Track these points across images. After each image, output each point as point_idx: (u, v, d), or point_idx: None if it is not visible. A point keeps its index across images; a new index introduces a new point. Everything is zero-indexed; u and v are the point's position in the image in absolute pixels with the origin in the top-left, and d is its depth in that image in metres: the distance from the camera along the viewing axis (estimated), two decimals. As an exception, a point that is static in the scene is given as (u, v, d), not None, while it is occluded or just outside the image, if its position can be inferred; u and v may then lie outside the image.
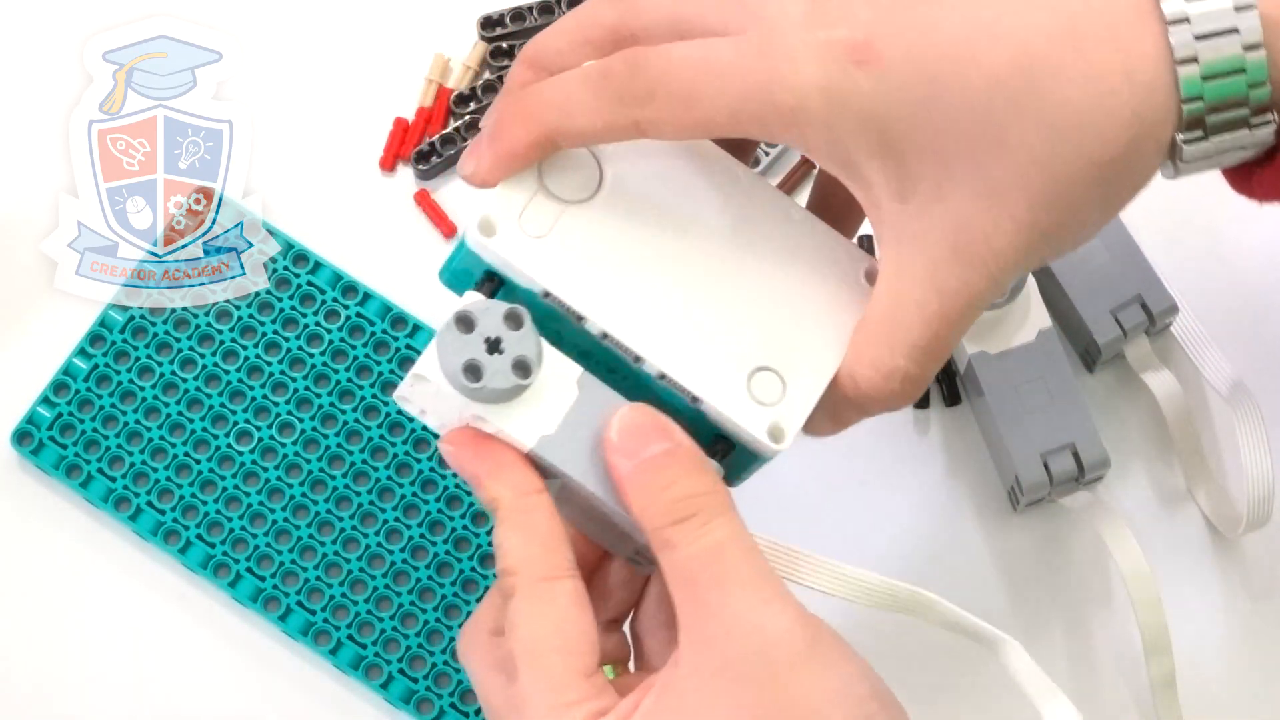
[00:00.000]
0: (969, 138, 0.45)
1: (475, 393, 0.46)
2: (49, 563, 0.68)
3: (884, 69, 0.45)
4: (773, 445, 0.48)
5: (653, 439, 0.47)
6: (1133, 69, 0.45)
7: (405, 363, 0.69)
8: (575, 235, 0.48)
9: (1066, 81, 0.45)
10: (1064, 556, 0.69)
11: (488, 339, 0.46)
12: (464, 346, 0.46)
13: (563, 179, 0.48)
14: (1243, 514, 0.67)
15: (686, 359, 0.48)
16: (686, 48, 0.47)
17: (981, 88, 0.45)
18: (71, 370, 0.69)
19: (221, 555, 0.67)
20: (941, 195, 0.46)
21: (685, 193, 0.49)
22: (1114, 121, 0.45)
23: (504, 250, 0.47)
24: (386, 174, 0.73)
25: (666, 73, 0.47)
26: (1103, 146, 0.45)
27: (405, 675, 0.66)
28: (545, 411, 0.47)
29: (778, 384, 0.48)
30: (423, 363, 0.47)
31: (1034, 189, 0.45)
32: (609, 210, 0.48)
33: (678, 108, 0.46)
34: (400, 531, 0.68)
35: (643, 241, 0.49)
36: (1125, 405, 0.70)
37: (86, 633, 0.67)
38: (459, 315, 0.46)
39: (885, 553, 0.68)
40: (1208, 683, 0.67)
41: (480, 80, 0.74)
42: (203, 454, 0.68)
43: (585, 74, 0.48)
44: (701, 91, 0.46)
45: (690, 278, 0.49)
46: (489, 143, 0.48)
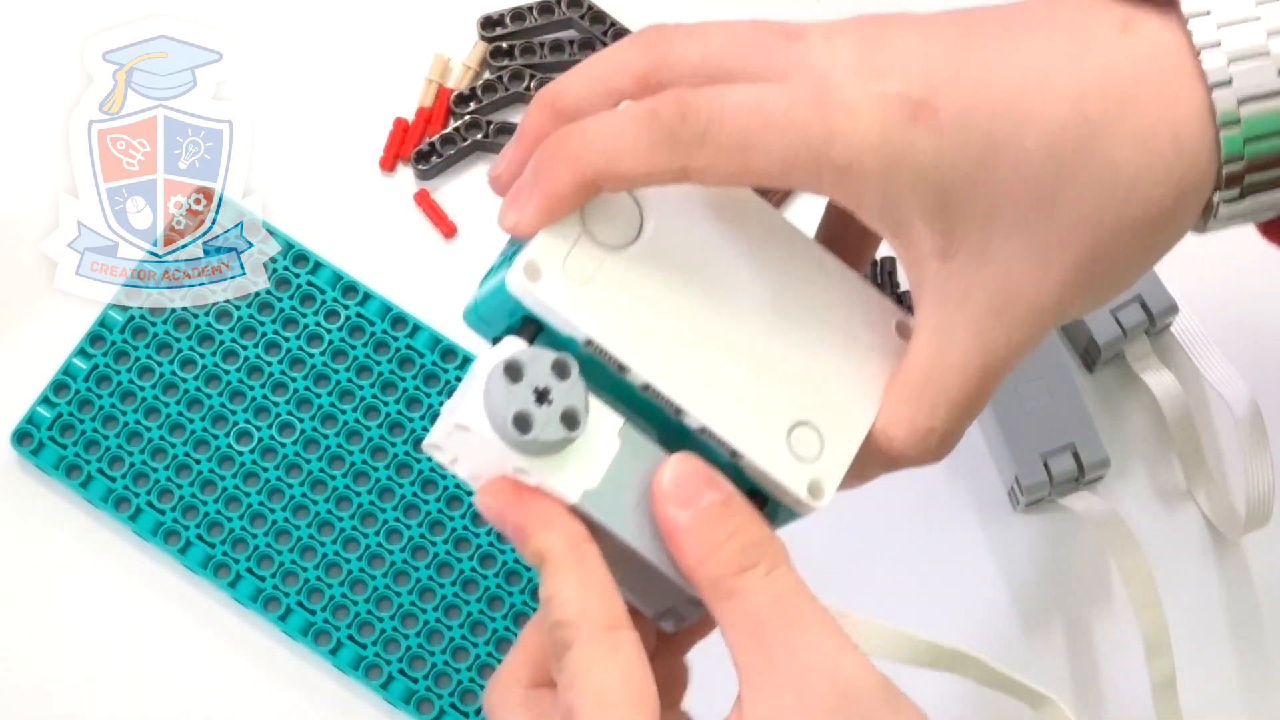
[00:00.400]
0: (1020, 198, 0.45)
1: (522, 445, 0.45)
2: (49, 563, 0.68)
3: (940, 127, 0.44)
4: (812, 502, 0.47)
5: (705, 489, 0.46)
6: (1179, 131, 0.45)
7: (405, 363, 0.69)
8: (618, 282, 0.46)
9: (1116, 144, 0.45)
10: (1064, 556, 0.69)
11: (536, 389, 0.44)
12: (512, 397, 0.44)
13: (605, 223, 0.47)
14: (1242, 514, 0.67)
15: (727, 413, 0.47)
16: (739, 93, 0.45)
17: (1036, 150, 0.44)
18: (71, 370, 0.69)
19: (221, 555, 0.67)
20: (986, 254, 0.46)
21: (723, 239, 0.48)
22: (1160, 184, 0.45)
23: (549, 297, 0.45)
24: (386, 174, 0.73)
25: (719, 118, 0.45)
26: (1147, 208, 0.45)
27: (405, 675, 0.66)
28: (587, 464, 0.46)
29: (816, 440, 0.48)
30: (465, 411, 0.45)
31: (1080, 249, 0.45)
32: (650, 257, 0.47)
33: (729, 155, 0.45)
34: (400, 531, 0.68)
35: (683, 289, 0.47)
36: (1125, 405, 0.70)
37: (86, 633, 0.67)
38: (508, 364, 0.44)
39: (885, 553, 0.68)
40: (1208, 683, 0.67)
41: (480, 80, 0.74)
42: (203, 454, 0.68)
43: (633, 115, 0.45)
44: (754, 140, 0.45)
45: (729, 328, 0.47)
46: (531, 189, 0.46)
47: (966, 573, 0.68)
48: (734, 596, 0.45)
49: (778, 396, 0.47)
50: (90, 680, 0.67)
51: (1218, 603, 0.68)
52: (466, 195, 0.73)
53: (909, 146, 0.44)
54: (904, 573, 0.68)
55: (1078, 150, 0.44)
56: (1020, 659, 0.68)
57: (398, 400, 0.69)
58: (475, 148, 0.73)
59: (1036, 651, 0.68)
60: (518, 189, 0.46)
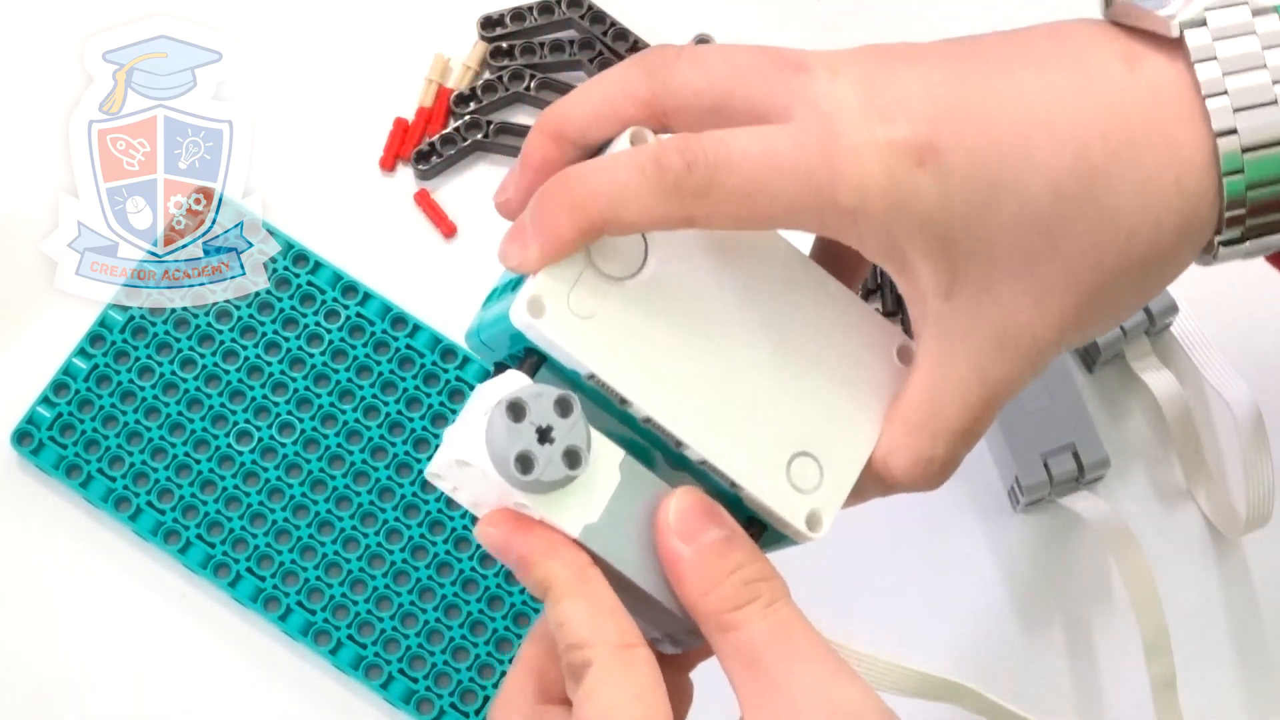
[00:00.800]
0: (1023, 241, 0.45)
1: (524, 484, 0.45)
2: (49, 563, 0.68)
3: (946, 171, 0.44)
4: (809, 534, 0.48)
5: (709, 525, 0.46)
6: (1182, 175, 0.45)
7: (405, 363, 0.69)
8: (621, 314, 0.46)
9: (1119, 188, 0.45)
10: (1064, 556, 0.69)
11: (539, 428, 0.44)
12: (515, 436, 0.44)
13: (609, 255, 0.46)
14: (1243, 514, 0.67)
15: (727, 445, 0.47)
16: (745, 139, 0.45)
17: (1040, 194, 0.45)
18: (71, 370, 0.69)
19: (221, 555, 0.67)
20: (988, 292, 0.46)
21: (726, 267, 0.48)
22: (1162, 228, 0.45)
23: (553, 333, 0.45)
24: (386, 174, 0.73)
25: (724, 166, 0.44)
26: (1148, 248, 0.45)
27: (405, 675, 0.66)
28: (588, 498, 0.46)
29: (815, 470, 0.48)
30: (467, 448, 0.45)
31: (1081, 288, 0.46)
32: (654, 288, 0.47)
33: (735, 203, 0.45)
34: (400, 531, 0.68)
35: (686, 320, 0.47)
36: (1125, 405, 0.70)
37: (86, 633, 0.67)
38: (511, 402, 0.44)
39: (885, 553, 0.68)
40: (1208, 683, 0.67)
41: (480, 80, 0.74)
42: (203, 454, 0.68)
43: (639, 164, 0.45)
44: (761, 188, 0.45)
45: (731, 359, 0.47)
46: (534, 231, 0.45)
47: (966, 573, 0.68)
48: (733, 629, 0.45)
49: (778, 427, 0.48)
50: (90, 680, 0.67)
51: (1218, 603, 0.68)
52: (466, 195, 0.73)
53: (914, 191, 0.45)
54: (904, 573, 0.68)
55: (1081, 194, 0.45)
56: (1020, 659, 0.68)
57: (398, 400, 0.69)
58: (475, 148, 0.73)
59: (1036, 651, 0.68)
60: (519, 228, 0.46)
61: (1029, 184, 0.45)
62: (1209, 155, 0.45)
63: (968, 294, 0.46)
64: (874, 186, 0.44)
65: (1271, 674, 0.68)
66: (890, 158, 0.45)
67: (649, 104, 0.47)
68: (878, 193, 0.45)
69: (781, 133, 0.45)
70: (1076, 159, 0.45)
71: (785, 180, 0.45)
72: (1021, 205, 0.45)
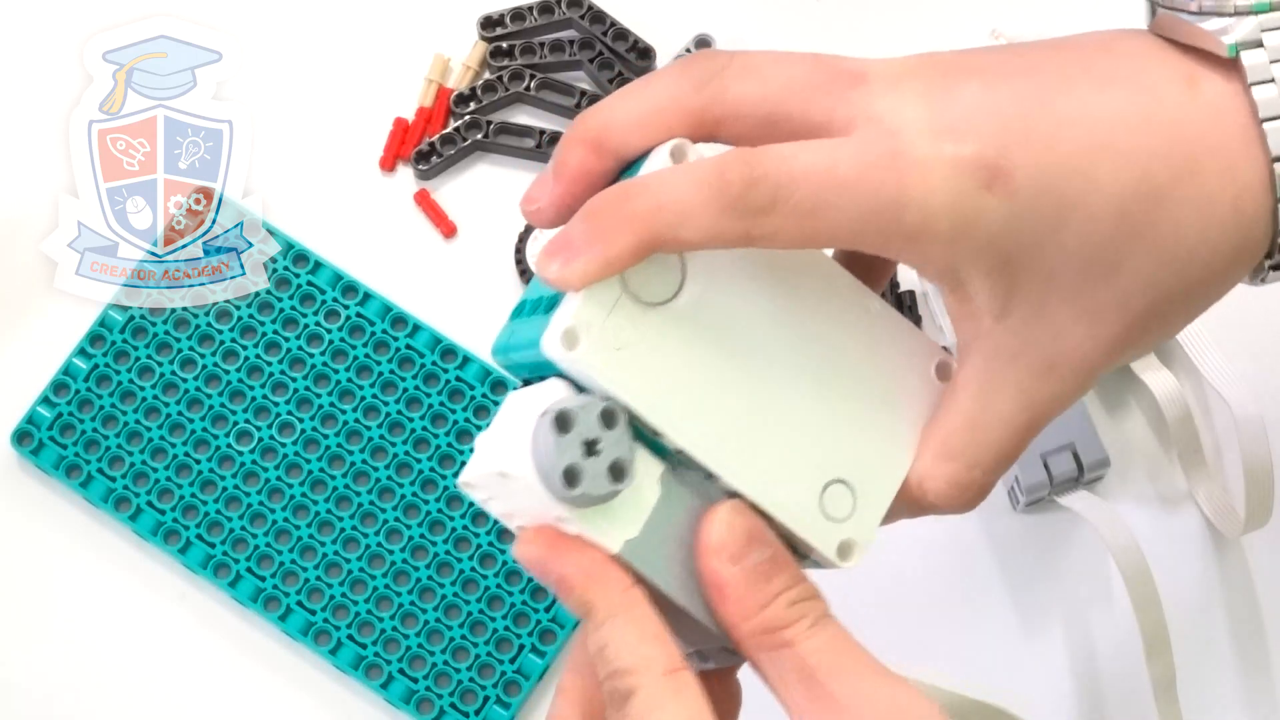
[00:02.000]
0: (1084, 262, 0.44)
1: (569, 498, 0.43)
2: (49, 563, 0.68)
3: (1013, 193, 0.44)
4: (841, 564, 0.47)
5: (753, 546, 0.45)
6: (1240, 199, 0.45)
7: (405, 363, 0.69)
8: (654, 343, 0.45)
9: (1180, 209, 0.44)
10: (1064, 556, 0.69)
11: (585, 441, 0.43)
12: (562, 449, 0.43)
13: (647, 280, 0.45)
14: (1242, 514, 0.67)
15: (760, 476, 0.46)
16: (809, 154, 0.43)
17: (1104, 216, 0.44)
18: (71, 370, 0.69)
19: (221, 555, 0.67)
20: (1043, 313, 0.45)
21: (764, 288, 0.47)
22: (1219, 251, 0.45)
23: (585, 367, 0.44)
24: (386, 174, 0.73)
25: (789, 183, 0.43)
26: (1204, 272, 0.45)
27: (405, 675, 0.66)
28: (628, 512, 0.45)
29: (849, 498, 0.47)
30: (510, 460, 0.44)
31: (1134, 310, 0.45)
32: (688, 316, 0.45)
33: (798, 221, 0.43)
34: (400, 531, 0.68)
35: (720, 349, 0.46)
36: (1125, 405, 0.70)
37: (87, 633, 0.67)
38: (559, 415, 0.43)
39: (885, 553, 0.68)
40: (1208, 683, 0.67)
41: (480, 80, 0.74)
42: (203, 454, 0.68)
43: (699, 179, 0.43)
44: (825, 205, 0.43)
45: (766, 384, 0.46)
46: (587, 245, 0.43)
47: (966, 573, 0.68)
48: (781, 649, 0.45)
49: (812, 455, 0.47)
50: (90, 680, 0.67)
51: (1218, 603, 0.68)
52: (466, 195, 0.73)
53: (981, 213, 0.44)
54: (904, 572, 0.68)
55: (1143, 215, 0.44)
56: (1020, 659, 0.68)
57: (398, 400, 0.69)
58: (475, 148, 0.73)
59: (1036, 651, 0.68)
60: (564, 242, 0.43)
61: (1093, 205, 0.44)
62: (1266, 179, 0.44)
63: (1021, 315, 0.45)
64: (940, 206, 0.44)
65: (1271, 674, 0.68)
66: (958, 177, 0.44)
67: (698, 114, 0.45)
68: (944, 213, 0.44)
69: (845, 148, 0.44)
70: (1141, 179, 0.44)
71: (850, 198, 0.43)
72: (1086, 227, 0.44)
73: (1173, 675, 0.65)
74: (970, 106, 0.44)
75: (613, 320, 0.44)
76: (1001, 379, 0.46)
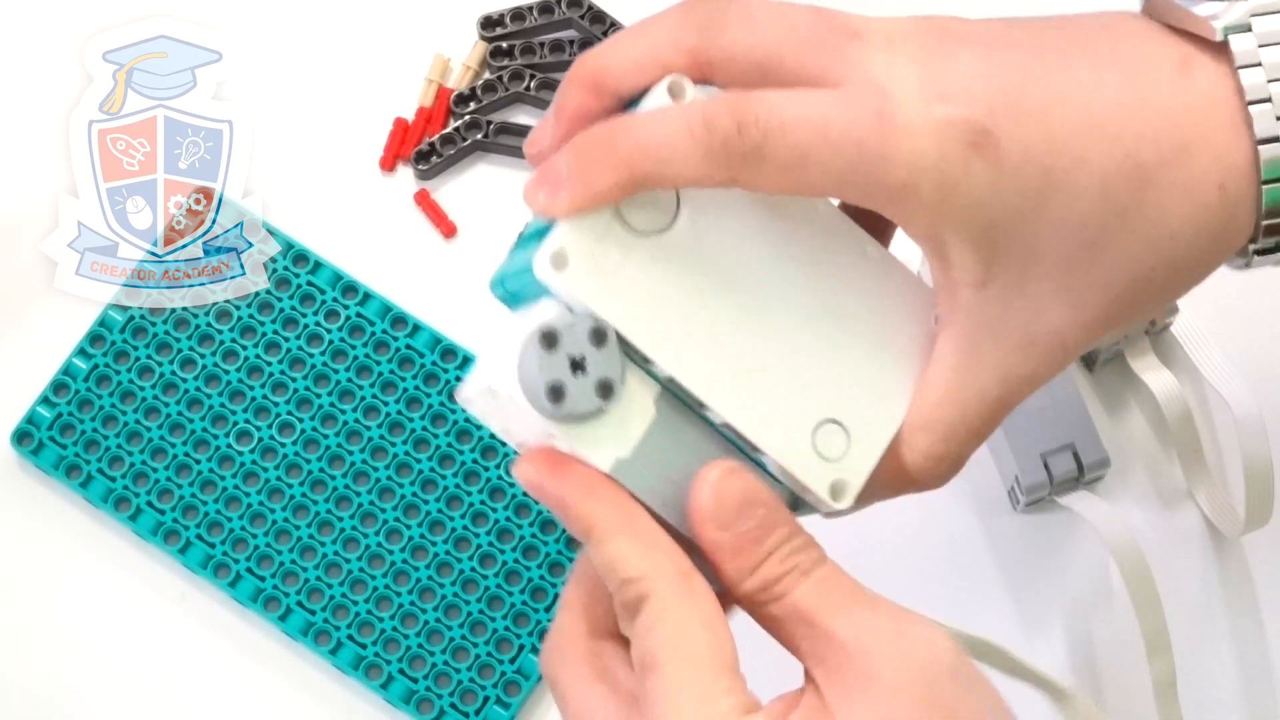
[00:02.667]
0: (1066, 239, 0.45)
1: (555, 414, 0.44)
2: (49, 563, 0.68)
3: (999, 159, 0.44)
4: (833, 504, 0.47)
5: (744, 511, 0.45)
6: (1225, 181, 0.45)
7: (405, 363, 0.69)
8: (647, 271, 0.45)
9: (1166, 192, 0.45)
10: (1064, 556, 0.69)
11: (572, 357, 0.44)
12: (547, 365, 0.43)
13: (640, 208, 0.45)
14: (1242, 514, 0.67)
15: (752, 409, 0.46)
16: (797, 105, 0.44)
17: (1089, 192, 0.44)
18: (71, 370, 0.69)
19: (221, 555, 0.67)
20: (1023, 287, 0.45)
21: (760, 226, 0.47)
22: (1203, 233, 0.45)
23: (575, 287, 0.44)
24: (386, 174, 0.73)
25: (777, 132, 0.43)
26: (1187, 253, 0.45)
27: (405, 675, 0.66)
28: (621, 432, 0.45)
29: (843, 438, 0.47)
30: (497, 375, 0.45)
31: (1116, 290, 0.45)
32: (682, 245, 0.46)
33: (783, 170, 0.44)
34: (400, 531, 0.68)
35: (714, 280, 0.46)
36: (1125, 405, 0.70)
37: (86, 633, 0.67)
38: (545, 331, 0.44)
39: (885, 552, 0.68)
40: (1208, 683, 0.67)
41: (480, 80, 0.74)
42: (203, 454, 0.68)
43: (687, 122, 0.44)
44: (812, 156, 0.44)
45: (760, 321, 0.46)
46: (570, 178, 0.44)
47: (966, 573, 0.68)
48: (777, 600, 0.45)
49: (806, 392, 0.47)
50: (90, 680, 0.67)
51: (1218, 603, 0.68)
52: (466, 195, 0.73)
53: (966, 176, 0.44)
54: (903, 572, 0.68)
55: (1128, 195, 0.44)
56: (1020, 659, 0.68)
57: (398, 400, 0.69)
58: (475, 148, 0.73)
59: (1036, 651, 0.68)
60: (552, 171, 0.44)
61: (1079, 182, 0.44)
62: (1251, 163, 0.45)
63: (1001, 286, 0.45)
64: (926, 165, 0.44)
65: (1271, 674, 0.68)
66: (945, 138, 0.44)
67: (693, 55, 0.45)
68: (929, 173, 0.44)
69: (834, 101, 0.44)
70: (1128, 159, 0.44)
71: (835, 151, 0.44)
72: (1070, 200, 0.44)
73: (1173, 675, 0.65)
74: (964, 73, 0.44)
75: (604, 245, 0.45)
76: (980, 353, 0.46)
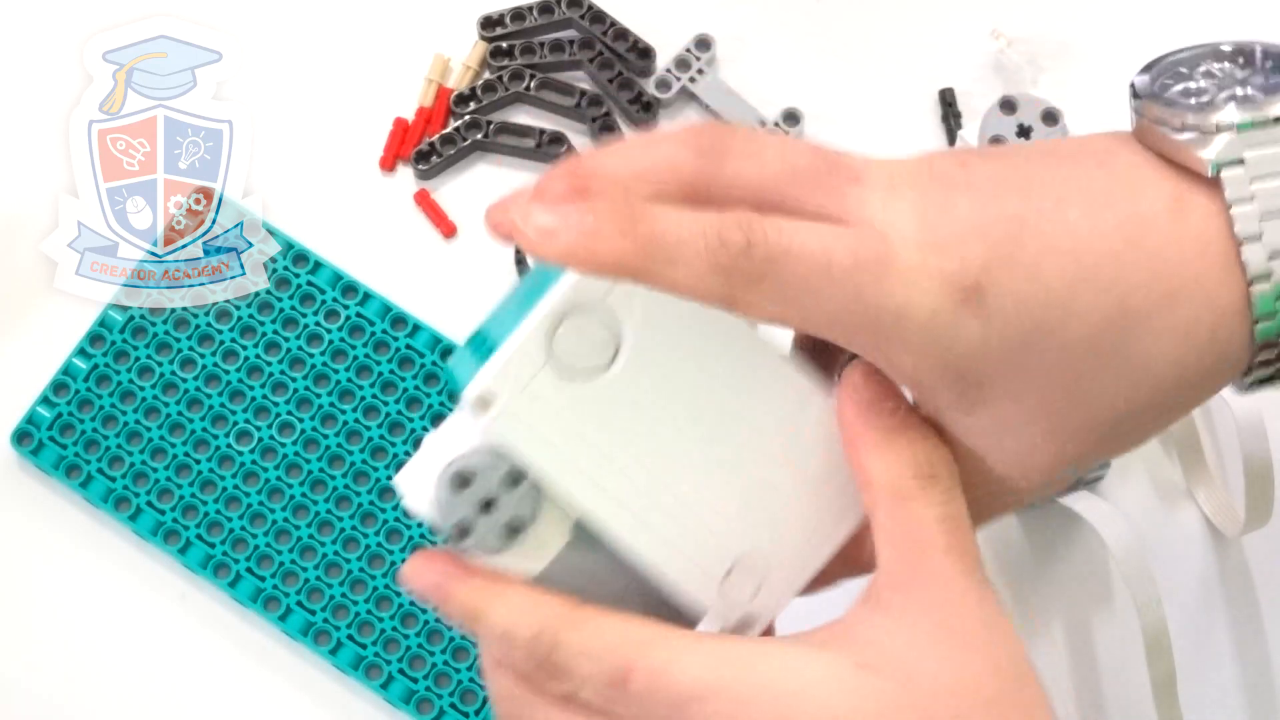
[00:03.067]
0: (1052, 386, 0.45)
1: (458, 547, 0.46)
2: (49, 563, 0.68)
3: (989, 315, 0.44)
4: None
5: (886, 399, 0.46)
6: (1217, 324, 0.45)
7: (405, 363, 0.69)
8: (575, 414, 0.46)
9: (1156, 336, 0.45)
10: (1064, 556, 0.69)
11: (482, 499, 0.46)
12: (456, 505, 0.46)
13: (577, 346, 0.46)
14: (1242, 514, 0.67)
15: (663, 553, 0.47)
16: (808, 236, 0.44)
17: (1076, 343, 0.44)
18: (71, 370, 0.69)
19: (221, 555, 0.67)
20: (1008, 429, 0.46)
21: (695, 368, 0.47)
22: (1192, 374, 0.45)
23: (494, 434, 0.46)
24: (386, 174, 0.73)
25: (783, 260, 0.43)
26: (1176, 393, 0.45)
27: (405, 675, 0.66)
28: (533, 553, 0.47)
29: (753, 584, 0.48)
30: (414, 498, 0.46)
31: (1101, 429, 0.46)
32: (614, 391, 0.46)
33: (782, 300, 0.44)
34: (400, 531, 0.68)
35: (642, 425, 0.46)
36: (1125, 405, 0.70)
37: (86, 633, 0.67)
38: (457, 473, 0.46)
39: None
40: (1208, 683, 0.67)
41: (480, 80, 0.74)
42: (203, 454, 0.68)
43: (703, 232, 0.43)
44: (811, 289, 0.44)
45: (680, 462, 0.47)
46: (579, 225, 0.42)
47: (966, 573, 0.68)
48: (909, 500, 0.46)
49: (720, 536, 0.47)
50: (90, 680, 0.67)
51: (1218, 603, 0.68)
52: (466, 195, 0.73)
53: (956, 329, 0.44)
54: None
55: (1117, 343, 0.44)
56: (1020, 659, 0.68)
57: (398, 400, 0.69)
58: (475, 148, 0.73)
59: (1036, 651, 0.68)
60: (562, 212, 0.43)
61: (1070, 331, 0.44)
62: (1243, 303, 0.44)
63: (985, 427, 0.46)
64: (918, 317, 0.44)
65: (1271, 674, 0.68)
66: (938, 290, 0.44)
67: (692, 182, 0.45)
68: (920, 323, 0.44)
69: (840, 240, 0.44)
70: (1118, 309, 0.44)
71: (837, 288, 0.44)
72: (1059, 352, 0.44)
73: (1173, 675, 0.65)
74: (961, 221, 0.45)
75: (532, 388, 0.46)
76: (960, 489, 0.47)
